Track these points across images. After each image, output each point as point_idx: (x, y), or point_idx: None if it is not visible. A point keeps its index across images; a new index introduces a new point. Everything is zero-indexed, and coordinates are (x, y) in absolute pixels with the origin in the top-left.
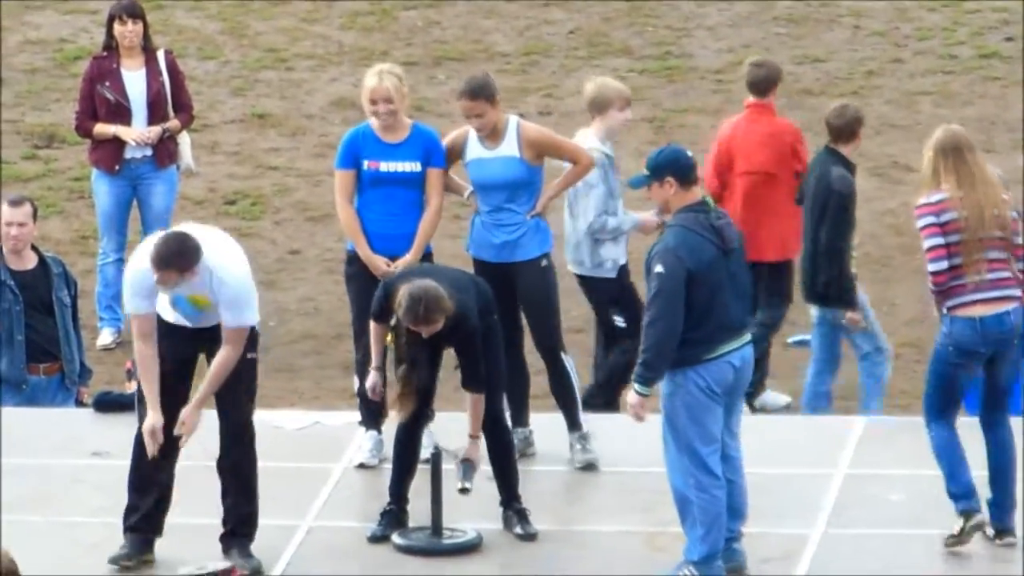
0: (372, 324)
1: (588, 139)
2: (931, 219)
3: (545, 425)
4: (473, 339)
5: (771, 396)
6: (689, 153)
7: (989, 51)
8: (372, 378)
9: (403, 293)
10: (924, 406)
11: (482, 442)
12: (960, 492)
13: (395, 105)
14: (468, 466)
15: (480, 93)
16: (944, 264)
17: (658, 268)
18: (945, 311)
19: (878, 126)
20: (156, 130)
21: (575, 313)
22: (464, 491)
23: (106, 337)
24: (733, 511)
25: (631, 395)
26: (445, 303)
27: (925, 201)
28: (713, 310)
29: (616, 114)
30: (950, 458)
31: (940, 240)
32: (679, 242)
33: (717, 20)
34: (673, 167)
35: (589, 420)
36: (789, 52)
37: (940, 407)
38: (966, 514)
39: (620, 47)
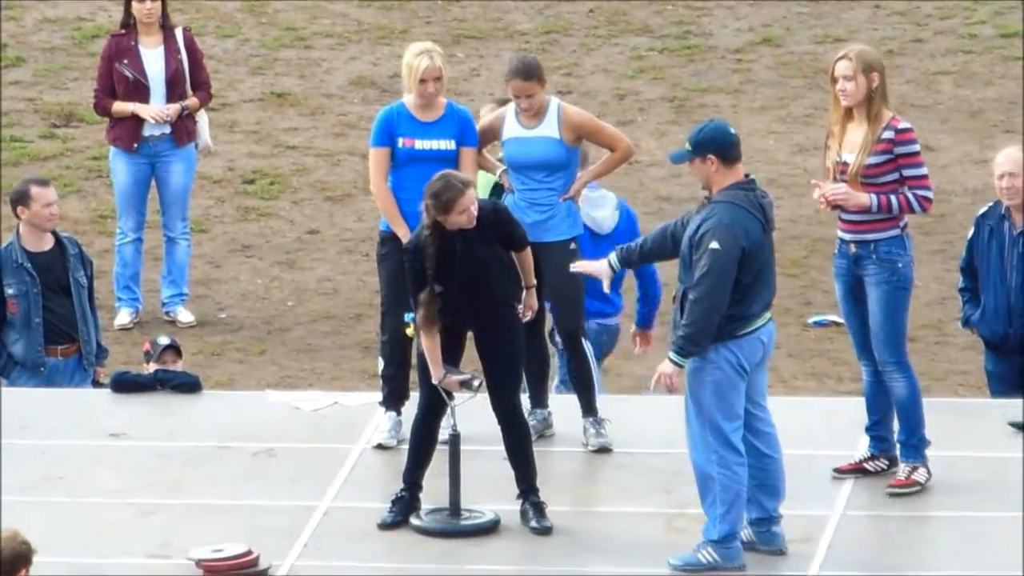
0: (423, 321)
1: None
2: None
3: (564, 407)
4: (512, 218)
5: None
6: (732, 130)
7: (1010, 31)
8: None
9: (429, 186)
10: (895, 347)
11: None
12: (920, 443)
13: (442, 84)
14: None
15: (533, 74)
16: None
17: (714, 244)
18: (900, 229)
19: (898, 106)
20: (175, 108)
21: None
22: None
23: (124, 317)
24: (770, 489)
25: (665, 364)
26: (471, 180)
27: (908, 126)
28: (755, 288)
29: None
30: (917, 408)
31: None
32: (734, 219)
33: None
34: (715, 144)
35: (608, 401)
36: (809, 31)
37: (905, 342)
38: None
39: (640, 26)
